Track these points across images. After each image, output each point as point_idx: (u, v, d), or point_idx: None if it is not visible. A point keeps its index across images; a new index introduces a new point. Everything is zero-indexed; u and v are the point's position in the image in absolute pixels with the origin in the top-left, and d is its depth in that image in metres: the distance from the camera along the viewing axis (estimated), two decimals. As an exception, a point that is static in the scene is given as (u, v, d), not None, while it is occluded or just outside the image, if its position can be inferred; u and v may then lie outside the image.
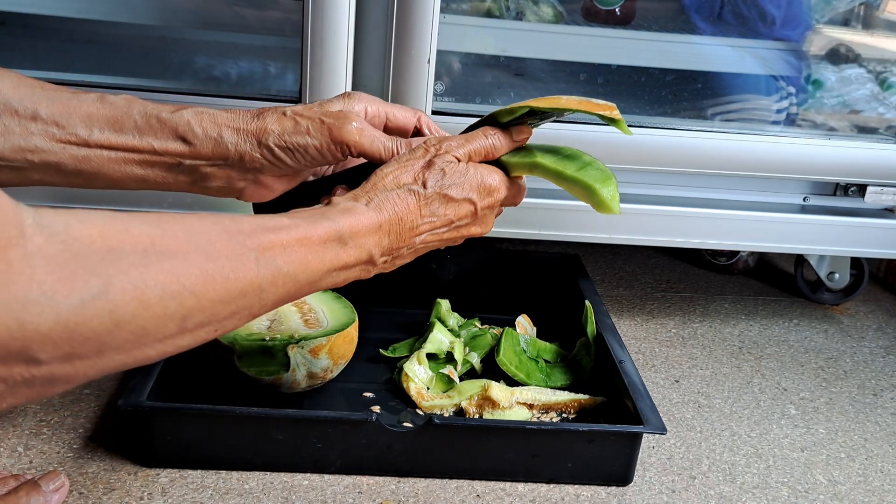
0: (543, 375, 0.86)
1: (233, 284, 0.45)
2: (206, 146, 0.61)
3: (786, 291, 1.22)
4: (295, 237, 0.50)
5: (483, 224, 0.64)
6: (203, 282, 0.43)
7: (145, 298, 0.40)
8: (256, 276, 0.47)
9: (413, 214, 0.58)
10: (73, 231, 0.39)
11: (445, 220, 0.60)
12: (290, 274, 0.49)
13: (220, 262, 0.45)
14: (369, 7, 0.86)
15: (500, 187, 0.63)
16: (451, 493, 0.71)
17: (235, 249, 0.46)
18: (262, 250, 0.48)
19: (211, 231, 0.46)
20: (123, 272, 0.39)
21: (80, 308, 0.37)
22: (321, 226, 0.52)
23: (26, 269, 0.35)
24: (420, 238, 0.60)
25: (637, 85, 1.09)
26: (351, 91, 0.68)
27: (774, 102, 1.07)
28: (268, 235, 0.49)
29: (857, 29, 1.13)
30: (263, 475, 0.71)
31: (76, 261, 0.38)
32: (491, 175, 0.62)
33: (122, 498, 0.67)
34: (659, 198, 0.99)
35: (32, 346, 0.36)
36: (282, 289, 0.50)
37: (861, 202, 1.02)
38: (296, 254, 0.50)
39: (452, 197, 0.60)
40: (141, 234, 0.42)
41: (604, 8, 1.08)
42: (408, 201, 0.58)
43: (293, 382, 0.77)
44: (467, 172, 0.61)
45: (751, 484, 0.77)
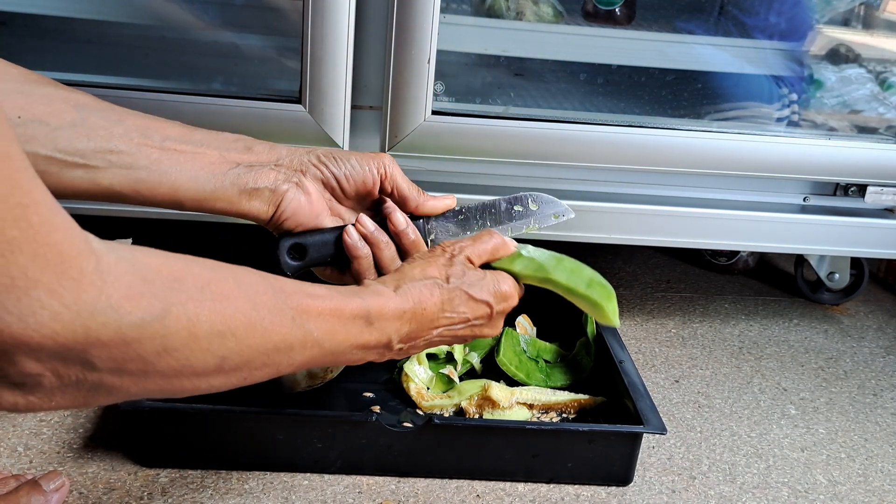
0: (543, 375, 0.86)
1: (270, 336, 0.48)
2: (263, 152, 0.66)
3: (786, 291, 1.22)
4: (329, 306, 0.53)
5: (493, 327, 0.66)
6: (245, 328, 0.47)
7: (195, 331, 0.43)
8: (290, 333, 0.50)
9: (436, 307, 0.61)
10: (140, 259, 0.42)
11: (463, 317, 0.63)
12: (318, 340, 0.52)
13: (262, 313, 0.48)
14: (369, 7, 0.86)
15: (513, 294, 0.66)
16: (451, 493, 0.71)
17: (277, 305, 0.49)
18: (299, 312, 0.51)
19: (258, 284, 0.49)
20: (182, 303, 0.43)
21: (139, 326, 0.40)
22: (353, 302, 0.55)
23: (97, 282, 0.38)
24: (437, 331, 0.62)
25: (637, 85, 1.09)
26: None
27: (774, 102, 1.07)
28: (306, 300, 0.52)
29: (857, 29, 1.13)
30: (263, 475, 0.71)
31: (143, 284, 0.41)
32: (506, 282, 0.65)
33: (122, 498, 0.67)
34: (659, 198, 0.99)
35: (92, 351, 0.39)
36: (308, 352, 0.52)
37: (861, 202, 1.02)
38: (327, 322, 0.53)
39: (473, 296, 0.62)
40: (200, 273, 0.45)
41: (604, 8, 1.08)
42: (433, 293, 0.61)
43: (293, 382, 0.77)
44: (484, 277, 0.64)
45: (751, 484, 0.77)
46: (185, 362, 0.44)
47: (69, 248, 0.37)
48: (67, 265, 0.37)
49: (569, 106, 1.05)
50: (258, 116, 0.86)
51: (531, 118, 0.91)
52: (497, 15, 1.03)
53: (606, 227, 0.97)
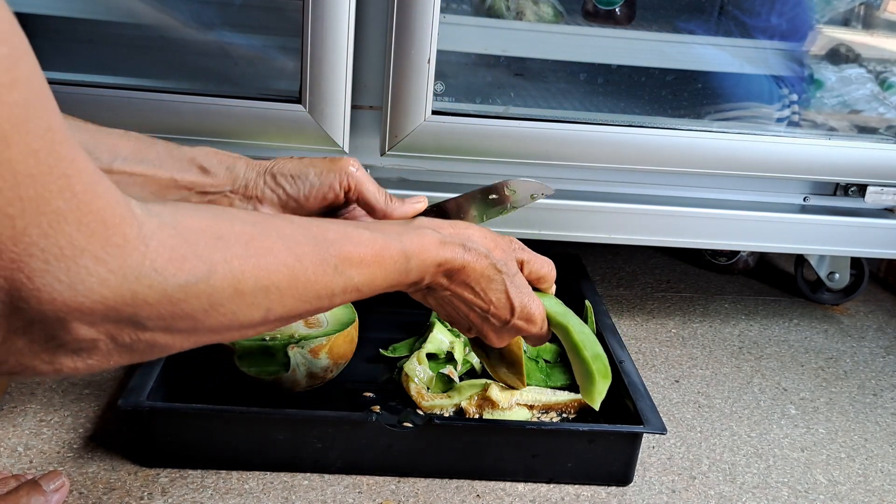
0: (543, 375, 0.86)
1: (312, 287, 0.49)
2: (220, 174, 0.65)
3: (786, 291, 1.22)
4: (371, 253, 0.53)
5: (500, 336, 0.66)
6: (289, 280, 0.47)
7: (240, 287, 0.44)
8: (332, 282, 0.51)
9: (476, 273, 0.60)
10: (182, 220, 0.42)
11: (487, 304, 0.62)
12: (358, 286, 0.53)
13: (305, 264, 0.49)
14: (369, 7, 0.86)
15: (537, 321, 0.65)
16: (451, 493, 0.71)
17: (320, 255, 0.50)
18: (341, 259, 0.51)
19: (299, 234, 0.50)
20: (227, 261, 0.44)
21: (184, 287, 0.41)
22: (394, 245, 0.55)
23: (140, 247, 0.39)
24: (460, 298, 0.61)
25: (637, 85, 1.09)
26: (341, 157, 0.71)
27: (774, 102, 1.07)
28: (349, 246, 0.52)
29: (857, 29, 1.13)
30: (263, 475, 0.71)
31: (186, 246, 0.42)
32: (538, 308, 0.65)
33: (122, 498, 0.67)
34: (659, 198, 0.99)
35: (141, 313, 0.40)
36: (349, 296, 0.53)
37: (861, 202, 1.02)
38: (368, 268, 0.53)
39: (508, 293, 0.62)
40: (242, 229, 0.46)
41: (604, 8, 1.08)
42: (482, 261, 0.60)
43: (293, 382, 0.77)
44: (527, 290, 0.64)
45: (751, 484, 0.77)
46: (231, 317, 0.45)
47: (112, 216, 0.38)
48: (111, 232, 0.37)
49: (569, 106, 1.05)
50: (258, 116, 0.86)
51: (531, 118, 0.91)
52: (497, 15, 1.03)
53: (606, 227, 0.97)
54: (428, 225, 0.59)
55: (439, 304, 0.63)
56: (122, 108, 0.84)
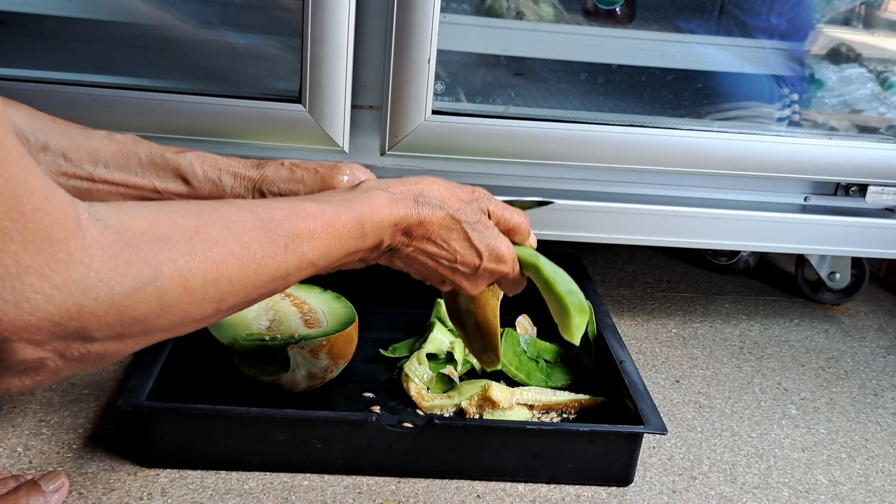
0: (544, 376, 0.86)
1: (264, 270, 0.49)
2: (205, 187, 0.64)
3: (786, 291, 1.22)
4: (321, 225, 0.53)
5: (474, 283, 0.65)
6: (238, 269, 0.47)
7: (189, 285, 0.44)
8: (284, 262, 0.50)
9: (434, 226, 0.60)
10: (125, 222, 0.42)
11: (452, 254, 0.62)
12: (313, 260, 0.52)
13: (254, 249, 0.48)
14: (369, 7, 0.86)
15: (508, 261, 0.64)
16: (451, 494, 0.71)
17: (268, 237, 0.49)
18: (291, 237, 0.50)
19: (246, 219, 0.49)
20: (172, 260, 0.43)
21: (131, 293, 0.41)
22: (345, 214, 0.54)
23: (84, 259, 0.39)
24: (425, 252, 0.61)
25: (637, 85, 1.09)
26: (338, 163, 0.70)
27: (775, 102, 1.07)
28: (297, 223, 0.51)
29: (857, 28, 1.13)
30: (263, 475, 0.71)
31: (129, 250, 0.41)
32: (506, 247, 0.64)
33: (122, 498, 0.67)
34: (659, 198, 0.99)
35: (89, 326, 0.40)
36: (304, 272, 0.53)
37: (862, 202, 1.02)
38: (321, 241, 0.53)
39: (470, 238, 0.61)
40: (186, 223, 0.45)
41: (604, 7, 1.07)
42: (437, 212, 0.60)
43: (293, 382, 0.77)
44: (491, 230, 0.63)
45: (752, 484, 0.77)
46: (183, 315, 0.44)
47: (58, 232, 0.37)
48: (56, 248, 0.37)
49: (569, 105, 1.05)
50: (258, 116, 0.86)
51: (531, 118, 0.90)
52: (497, 14, 1.03)
53: (606, 227, 0.97)
54: (377, 186, 0.59)
55: (407, 264, 0.63)
56: (122, 108, 0.84)
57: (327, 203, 0.54)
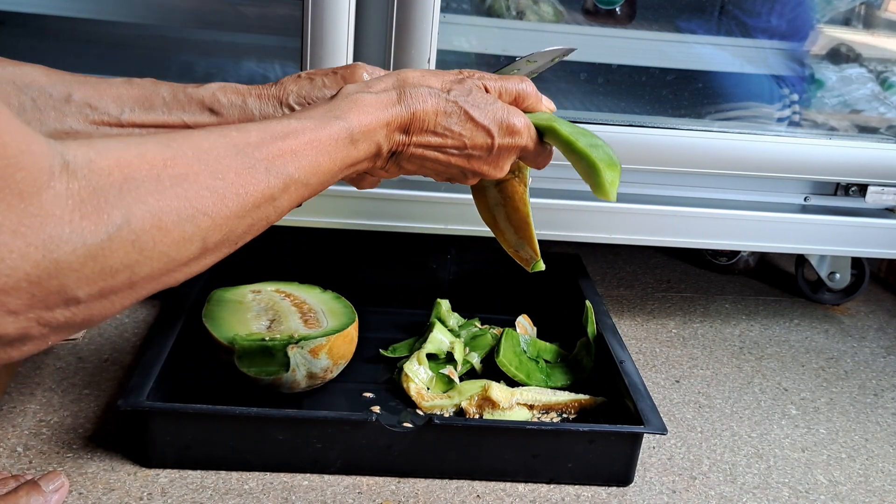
0: (544, 376, 0.86)
1: (244, 199, 0.46)
2: (233, 114, 0.62)
3: (786, 291, 1.22)
4: (304, 141, 0.50)
5: (495, 165, 0.61)
6: (214, 202, 0.44)
7: (163, 225, 0.42)
8: (267, 186, 0.48)
9: (429, 116, 0.56)
10: (94, 165, 0.40)
11: (459, 140, 0.58)
12: (301, 179, 0.50)
13: (230, 178, 0.46)
14: (369, 7, 0.86)
15: (522, 131, 0.60)
16: (451, 494, 0.71)
17: (244, 163, 0.47)
18: (271, 159, 0.48)
19: (219, 147, 0.46)
20: (141, 201, 0.41)
21: (106, 241, 0.39)
22: (332, 126, 0.52)
23: (56, 211, 0.37)
24: (427, 148, 0.58)
25: (637, 84, 1.09)
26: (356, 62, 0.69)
27: (775, 102, 1.07)
28: (276, 143, 0.49)
29: (857, 28, 1.13)
30: (263, 475, 0.71)
31: (98, 196, 0.39)
32: (517, 116, 0.60)
33: (122, 498, 0.67)
34: (659, 198, 0.99)
35: (69, 282, 0.38)
36: (295, 194, 0.50)
37: (862, 202, 1.02)
38: (306, 158, 0.50)
39: (472, 117, 0.58)
40: (154, 158, 0.43)
41: (604, 7, 1.07)
42: (427, 100, 0.56)
43: (293, 382, 0.77)
44: (494, 103, 0.59)
45: (751, 484, 0.77)
46: (165, 259, 0.42)
47: (30, 186, 0.36)
48: (27, 203, 0.36)
49: (569, 105, 1.05)
50: (258, 116, 0.86)
51: (531, 118, 0.90)
52: (497, 14, 1.03)
53: (606, 227, 0.97)
54: (358, 89, 0.56)
55: (419, 165, 0.60)
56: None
57: (308, 118, 0.52)
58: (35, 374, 0.83)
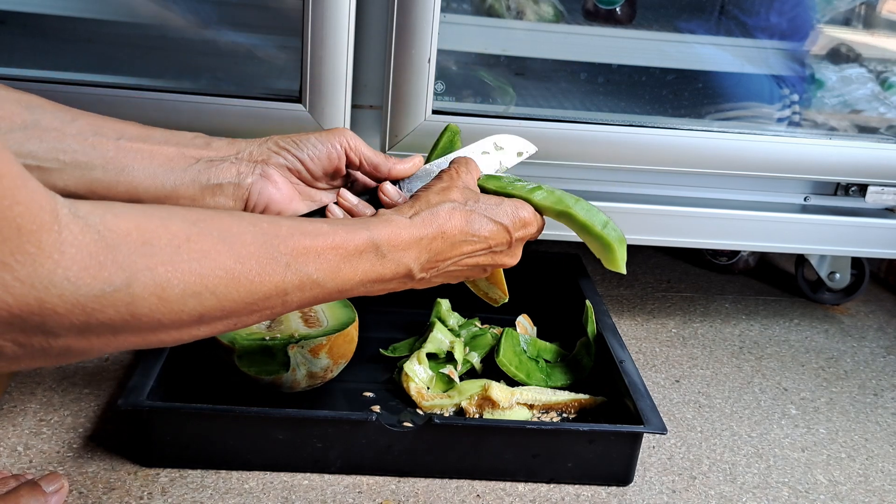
0: (544, 375, 0.86)
1: (257, 287, 0.47)
2: (222, 147, 0.65)
3: (786, 291, 1.22)
4: (329, 244, 0.51)
5: (513, 256, 0.65)
6: (227, 283, 0.45)
7: (165, 295, 0.42)
8: (283, 280, 0.48)
9: (457, 230, 0.60)
10: (109, 223, 0.41)
11: (484, 242, 0.62)
12: (319, 280, 0.51)
13: (249, 264, 0.46)
14: (369, 6, 0.86)
15: (532, 222, 0.65)
16: (451, 493, 0.71)
17: (267, 253, 0.47)
18: (294, 255, 0.49)
19: (246, 232, 0.47)
20: (151, 268, 0.41)
21: (99, 297, 0.39)
22: (359, 235, 0.53)
23: (55, 254, 0.37)
24: (460, 258, 0.61)
25: (637, 84, 1.09)
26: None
27: (775, 102, 1.07)
28: (303, 240, 0.50)
29: (857, 28, 1.13)
30: (263, 475, 0.71)
31: (107, 252, 0.40)
32: (524, 208, 0.64)
33: (122, 498, 0.67)
34: (659, 198, 0.99)
35: (49, 322, 0.38)
36: (308, 293, 0.51)
37: (862, 202, 1.02)
38: (328, 261, 0.51)
39: (493, 218, 0.62)
40: (178, 230, 0.44)
41: (604, 7, 1.07)
42: (453, 216, 0.60)
43: (293, 382, 0.77)
44: (502, 203, 0.63)
45: (751, 484, 0.77)
46: (156, 324, 0.43)
47: (29, 223, 0.36)
48: (25, 239, 0.36)
49: (569, 105, 1.05)
50: (258, 116, 0.86)
51: (532, 118, 0.90)
52: (497, 14, 1.03)
53: (607, 226, 0.96)
54: (390, 212, 0.59)
55: (449, 276, 0.63)
56: (122, 107, 0.84)
57: (340, 225, 0.54)
58: (35, 373, 0.83)
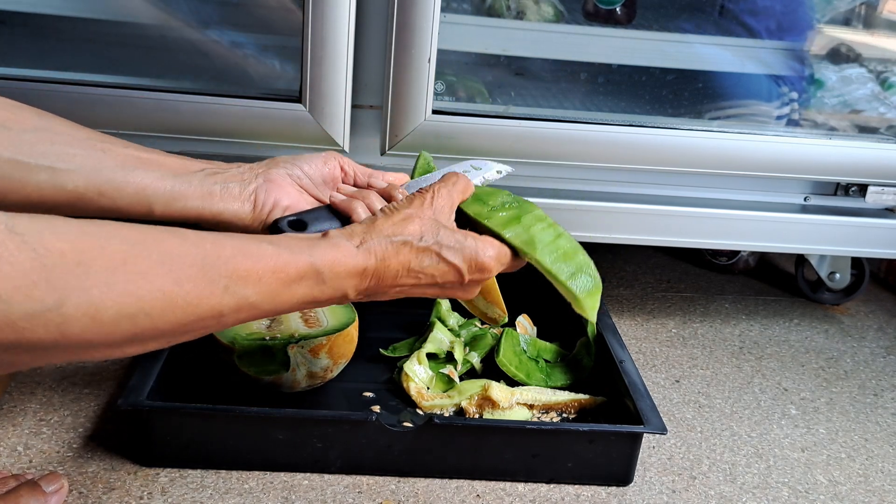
0: (544, 375, 0.86)
1: (193, 309, 0.46)
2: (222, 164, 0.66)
3: (786, 291, 1.22)
4: (272, 267, 0.50)
5: (467, 291, 0.64)
6: (162, 305, 0.44)
7: (98, 317, 0.42)
8: (220, 302, 0.48)
9: (402, 266, 0.58)
10: (47, 241, 0.40)
11: (430, 279, 0.60)
12: (256, 303, 0.50)
13: (187, 287, 0.45)
14: (369, 7, 0.86)
15: (492, 267, 0.62)
16: (451, 493, 0.71)
17: (207, 275, 0.47)
18: (234, 278, 0.48)
19: (187, 254, 0.46)
20: (84, 290, 0.41)
21: (30, 316, 0.39)
22: (301, 260, 0.52)
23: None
24: (400, 288, 0.60)
25: (637, 84, 1.09)
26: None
27: (775, 104, 1.07)
28: (245, 262, 0.49)
29: (857, 28, 1.13)
30: (263, 475, 0.71)
31: (41, 272, 0.39)
32: (487, 250, 0.62)
33: (122, 497, 0.67)
34: (659, 198, 0.99)
35: None
36: (244, 314, 0.50)
37: (862, 202, 1.02)
38: (268, 285, 0.50)
39: (444, 258, 0.60)
40: (115, 251, 0.43)
41: (604, 7, 1.07)
42: (402, 252, 0.58)
43: (293, 382, 0.77)
44: (464, 241, 0.61)
45: (751, 484, 0.77)
46: (87, 344, 0.42)
47: None
48: None
49: (569, 105, 1.05)
50: (258, 116, 0.86)
51: (532, 118, 0.90)
52: (497, 14, 1.03)
53: (606, 227, 0.97)
54: (340, 234, 0.57)
55: (394, 297, 0.62)
56: (123, 107, 0.84)
57: (285, 247, 0.52)
58: (35, 373, 0.83)
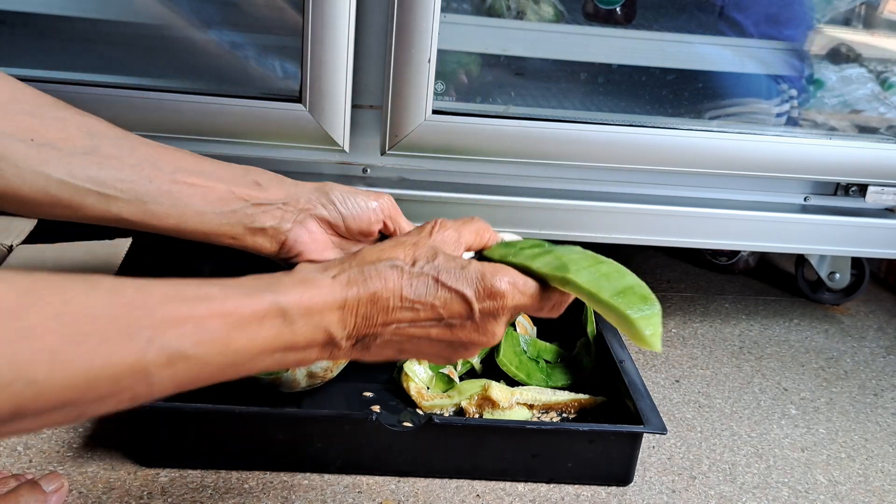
0: (544, 375, 0.86)
1: (99, 371, 0.38)
2: (272, 189, 0.65)
3: (786, 291, 1.22)
4: (216, 310, 0.43)
5: (484, 331, 0.53)
6: (48, 369, 0.37)
7: None
8: (141, 358, 0.40)
9: (392, 294, 0.50)
10: None
11: (433, 310, 0.51)
12: (197, 356, 0.42)
13: (88, 345, 0.38)
14: (369, 6, 0.86)
15: (506, 293, 0.52)
16: (451, 493, 0.71)
17: (120, 327, 0.39)
18: (163, 328, 0.40)
19: (97, 303, 0.39)
20: None
21: None
22: (259, 298, 0.45)
23: None
24: (398, 326, 0.51)
25: (637, 84, 1.09)
26: None
27: (775, 101, 1.07)
28: (179, 308, 0.41)
29: (857, 28, 1.13)
30: (263, 475, 0.71)
31: None
32: (502, 276, 0.52)
33: (122, 497, 0.67)
34: (659, 198, 0.99)
35: None
36: (183, 372, 0.42)
37: (862, 202, 1.02)
38: (212, 332, 0.42)
39: (444, 282, 0.51)
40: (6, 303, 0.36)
41: (604, 7, 1.07)
42: (390, 278, 0.50)
43: (293, 382, 0.77)
44: (467, 266, 0.53)
45: (751, 484, 0.77)
46: None
47: None
48: None
49: (569, 105, 1.05)
50: (258, 116, 0.86)
51: (532, 117, 0.91)
52: (497, 14, 1.03)
53: (606, 227, 0.97)
54: (311, 268, 0.51)
55: (397, 350, 0.53)
56: (123, 107, 0.84)
57: (237, 287, 0.44)
58: (35, 373, 0.83)
